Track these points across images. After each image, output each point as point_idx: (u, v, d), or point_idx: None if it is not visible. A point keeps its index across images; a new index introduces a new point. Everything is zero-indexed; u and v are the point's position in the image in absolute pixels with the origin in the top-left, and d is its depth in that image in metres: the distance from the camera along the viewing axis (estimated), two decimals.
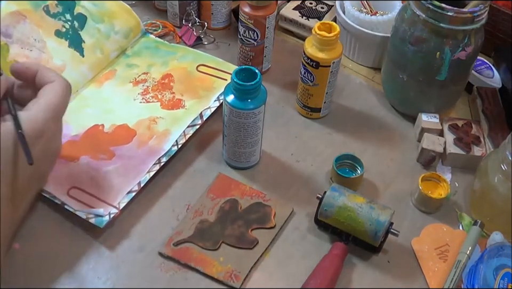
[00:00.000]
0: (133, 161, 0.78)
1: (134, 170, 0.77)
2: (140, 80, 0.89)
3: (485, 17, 0.78)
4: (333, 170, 0.78)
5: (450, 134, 0.84)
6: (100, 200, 0.73)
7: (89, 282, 0.68)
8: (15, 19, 0.83)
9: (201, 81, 0.89)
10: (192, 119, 0.83)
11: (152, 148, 0.79)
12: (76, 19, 0.89)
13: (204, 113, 0.84)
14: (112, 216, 0.71)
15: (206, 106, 0.85)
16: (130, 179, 0.76)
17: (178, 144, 0.80)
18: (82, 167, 0.77)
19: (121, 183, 0.75)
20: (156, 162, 0.78)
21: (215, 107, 0.84)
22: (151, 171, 0.77)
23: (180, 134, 0.81)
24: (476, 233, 0.73)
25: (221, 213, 0.75)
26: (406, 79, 0.84)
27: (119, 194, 0.74)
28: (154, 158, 0.78)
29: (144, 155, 0.78)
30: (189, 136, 0.81)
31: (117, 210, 0.72)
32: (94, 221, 0.71)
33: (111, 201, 0.73)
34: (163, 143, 0.80)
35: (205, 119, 0.83)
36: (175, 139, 0.80)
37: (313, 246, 0.73)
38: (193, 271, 0.69)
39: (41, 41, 0.85)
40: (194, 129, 0.82)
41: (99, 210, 0.71)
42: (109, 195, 0.74)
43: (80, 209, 0.72)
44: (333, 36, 0.80)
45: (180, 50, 0.95)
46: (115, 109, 0.85)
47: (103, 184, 0.75)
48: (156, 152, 0.79)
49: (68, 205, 0.72)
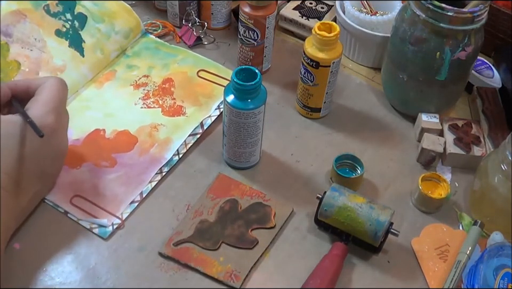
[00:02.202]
0: (135, 170, 0.78)
1: (136, 179, 0.77)
2: (140, 83, 0.89)
3: (485, 17, 0.78)
4: (333, 170, 0.78)
5: (450, 134, 0.84)
6: (102, 209, 0.73)
7: (89, 282, 0.68)
8: (16, 18, 0.84)
9: (202, 88, 0.89)
10: (193, 127, 0.83)
11: (153, 157, 0.79)
12: (76, 19, 0.89)
13: (205, 122, 0.84)
14: (115, 227, 0.72)
15: (207, 114, 0.85)
16: (132, 189, 0.76)
17: (179, 153, 0.80)
18: (84, 174, 0.77)
19: (123, 192, 0.75)
20: (158, 172, 0.78)
21: (216, 116, 0.85)
22: (153, 181, 0.77)
23: (181, 144, 0.81)
24: (476, 233, 0.73)
25: (221, 213, 0.75)
26: (406, 79, 0.85)
27: (122, 204, 0.74)
28: (156, 167, 0.78)
29: (145, 163, 0.79)
30: (189, 145, 0.81)
31: (120, 220, 0.72)
32: (98, 231, 0.71)
33: (114, 211, 0.73)
34: (164, 152, 0.80)
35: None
36: (176, 148, 0.80)
37: (313, 246, 0.73)
38: (193, 271, 0.69)
39: (42, 41, 0.85)
40: (195, 138, 0.82)
41: (103, 221, 0.72)
42: (112, 205, 0.74)
43: (83, 219, 0.72)
44: (333, 36, 0.80)
45: (180, 53, 0.95)
46: (116, 113, 0.85)
47: (106, 193, 0.75)
48: (157, 161, 0.79)
49: (71, 214, 0.72)
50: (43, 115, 0.66)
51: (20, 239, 0.70)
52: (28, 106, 0.67)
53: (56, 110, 0.67)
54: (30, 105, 0.67)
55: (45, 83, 0.69)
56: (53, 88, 0.68)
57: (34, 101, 0.67)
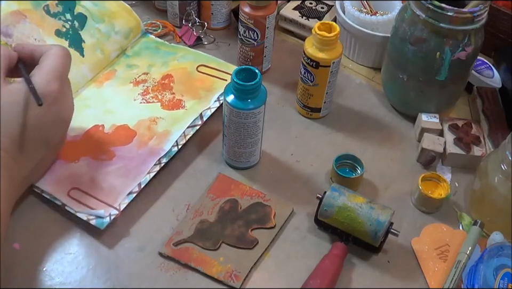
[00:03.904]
0: (133, 162, 0.78)
1: (135, 171, 0.77)
2: (140, 80, 0.89)
3: (485, 17, 0.78)
4: (333, 170, 0.78)
5: (450, 134, 0.84)
6: (100, 201, 0.73)
7: (89, 282, 0.68)
8: (16, 18, 0.84)
9: (201, 82, 0.89)
10: (192, 119, 0.83)
11: (152, 149, 0.79)
12: (76, 19, 0.89)
13: (204, 114, 0.84)
14: (112, 218, 0.71)
15: (206, 106, 0.85)
16: (130, 180, 0.75)
17: (178, 144, 0.80)
18: (82, 167, 0.77)
19: (121, 184, 0.75)
20: (156, 163, 0.78)
21: (215, 108, 0.84)
22: (151, 172, 0.77)
23: (180, 135, 0.81)
24: (476, 233, 0.73)
25: (221, 212, 0.75)
26: (406, 79, 0.85)
27: (120, 195, 0.74)
28: (155, 159, 0.78)
29: (144, 155, 0.78)
30: (189, 136, 0.81)
31: (117, 211, 0.72)
32: (95, 222, 0.71)
33: (112, 202, 0.73)
34: (163, 144, 0.80)
35: (205, 120, 0.83)
36: (175, 140, 0.80)
37: (313, 246, 0.73)
38: (193, 271, 0.69)
39: (42, 41, 0.85)
40: (194, 129, 0.82)
41: (100, 212, 0.71)
42: (110, 197, 0.74)
43: (80, 211, 0.72)
44: (333, 36, 0.80)
45: (180, 51, 0.95)
46: (115, 109, 0.85)
47: (104, 185, 0.75)
48: (156, 153, 0.79)
49: (68, 206, 0.72)
50: (46, 83, 0.67)
51: (20, 240, 0.70)
52: (32, 73, 0.68)
53: (59, 79, 0.68)
54: (34, 72, 0.68)
55: (49, 51, 0.70)
56: (56, 57, 0.69)
57: (38, 68, 0.68)
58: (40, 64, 0.69)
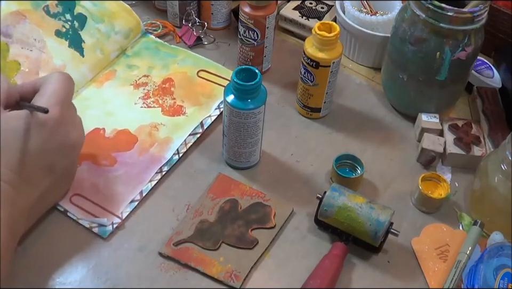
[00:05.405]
0: (135, 169, 0.78)
1: (136, 178, 0.77)
2: (140, 83, 0.89)
3: (485, 17, 0.78)
4: (333, 170, 0.78)
5: (450, 134, 0.84)
6: (102, 208, 0.73)
7: (89, 282, 0.68)
8: (15, 19, 0.84)
9: (202, 88, 0.89)
10: (193, 127, 0.83)
11: (153, 156, 0.79)
12: (76, 20, 0.89)
13: (205, 122, 0.84)
14: (115, 226, 0.72)
15: (207, 114, 0.85)
16: (132, 188, 0.76)
17: (179, 153, 0.80)
18: (84, 172, 0.77)
19: (123, 191, 0.75)
20: (158, 172, 0.78)
21: (216, 116, 0.85)
22: (153, 180, 0.77)
23: (181, 143, 0.81)
24: (476, 233, 0.73)
25: (221, 212, 0.75)
26: (406, 79, 0.85)
27: (122, 203, 0.74)
28: (156, 167, 0.78)
29: (145, 162, 0.78)
30: (190, 144, 0.81)
31: (120, 220, 0.72)
32: (98, 230, 0.71)
33: (114, 210, 0.73)
34: (164, 151, 0.80)
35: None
36: (176, 148, 0.80)
37: (313, 246, 0.73)
38: (193, 271, 0.69)
39: (41, 41, 0.85)
40: (195, 137, 0.82)
41: (102, 220, 0.72)
42: (112, 204, 0.74)
43: (83, 218, 0.72)
44: (333, 36, 0.80)
45: (180, 53, 0.95)
46: (116, 112, 0.85)
47: (106, 192, 0.75)
48: (157, 161, 0.79)
49: (71, 213, 0.72)
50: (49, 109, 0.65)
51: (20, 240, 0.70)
52: (32, 101, 0.67)
53: (59, 103, 0.67)
54: (34, 100, 0.67)
55: (49, 78, 0.69)
56: (56, 82, 0.68)
57: (38, 95, 0.67)
58: (40, 91, 0.67)
